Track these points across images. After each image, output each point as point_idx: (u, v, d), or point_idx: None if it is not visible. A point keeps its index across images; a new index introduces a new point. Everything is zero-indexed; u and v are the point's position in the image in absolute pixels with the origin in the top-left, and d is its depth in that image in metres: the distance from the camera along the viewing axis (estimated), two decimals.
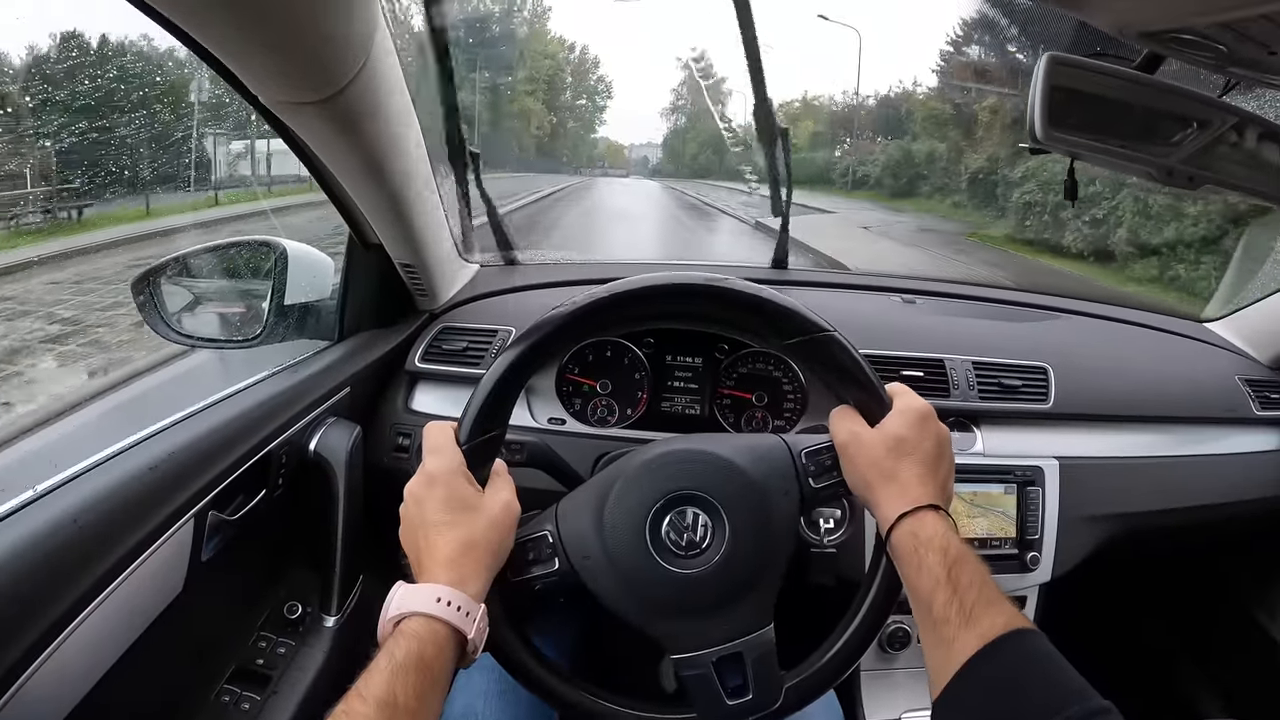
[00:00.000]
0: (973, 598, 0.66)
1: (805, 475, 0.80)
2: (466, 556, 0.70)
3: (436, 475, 0.74)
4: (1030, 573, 1.18)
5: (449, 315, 1.33)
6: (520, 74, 34.80)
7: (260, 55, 0.70)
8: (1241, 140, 0.85)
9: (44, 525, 0.66)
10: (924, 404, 0.80)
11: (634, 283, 0.82)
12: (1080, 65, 0.81)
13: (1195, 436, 1.36)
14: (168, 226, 3.15)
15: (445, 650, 0.65)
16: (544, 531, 0.79)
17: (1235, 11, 0.65)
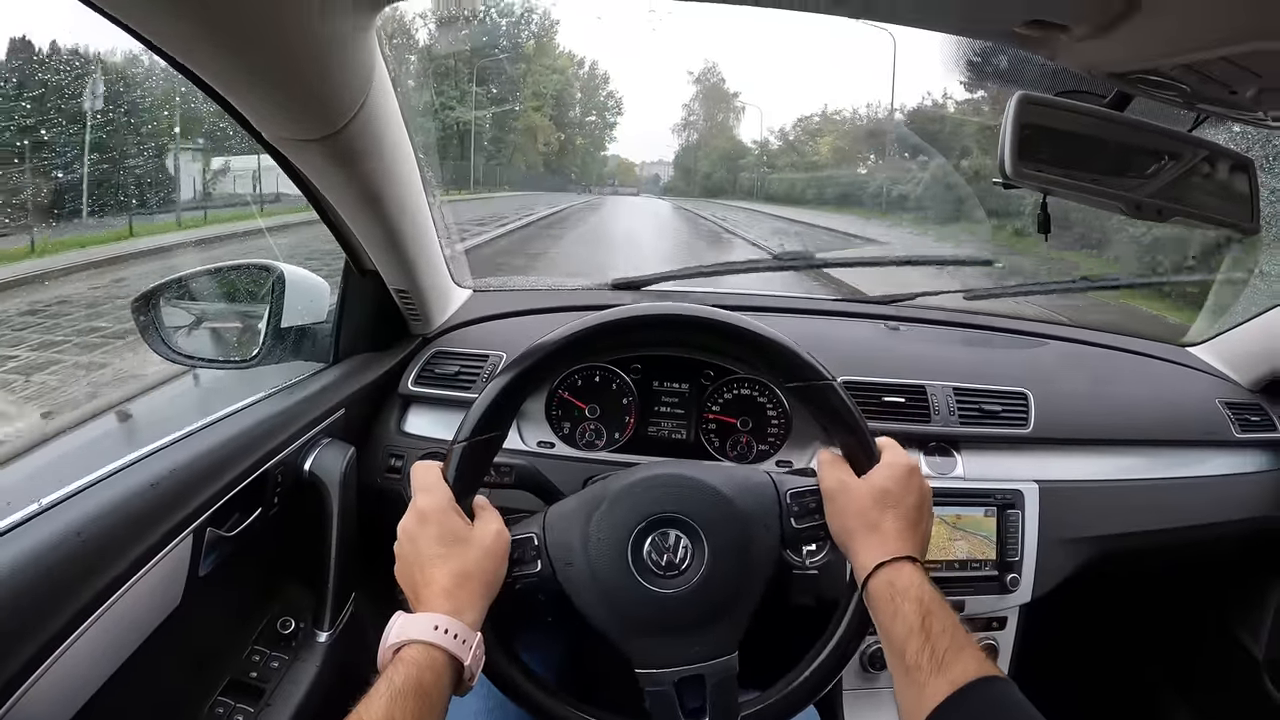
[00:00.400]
0: (945, 645, 0.69)
1: (788, 514, 0.84)
2: (462, 588, 0.73)
3: (428, 512, 0.77)
4: (1010, 594, 1.20)
5: (442, 339, 1.36)
6: (527, 89, 33.79)
7: (265, 97, 0.74)
8: (1214, 172, 0.89)
9: (48, 538, 0.68)
10: (910, 460, 0.84)
11: (643, 310, 0.87)
12: (1051, 104, 0.84)
13: (1175, 459, 1.39)
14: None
15: (442, 677, 0.68)
16: (530, 534, 0.83)
17: (1195, 54, 0.69)
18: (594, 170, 41.71)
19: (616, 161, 45.22)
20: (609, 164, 43.97)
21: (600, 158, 43.01)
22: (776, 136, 35.87)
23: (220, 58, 0.66)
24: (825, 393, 0.85)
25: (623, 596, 0.80)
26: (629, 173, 44.74)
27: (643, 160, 46.28)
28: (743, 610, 0.81)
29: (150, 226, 4.35)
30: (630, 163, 45.85)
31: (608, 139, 42.64)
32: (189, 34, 0.63)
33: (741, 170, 35.56)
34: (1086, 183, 0.85)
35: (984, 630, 1.25)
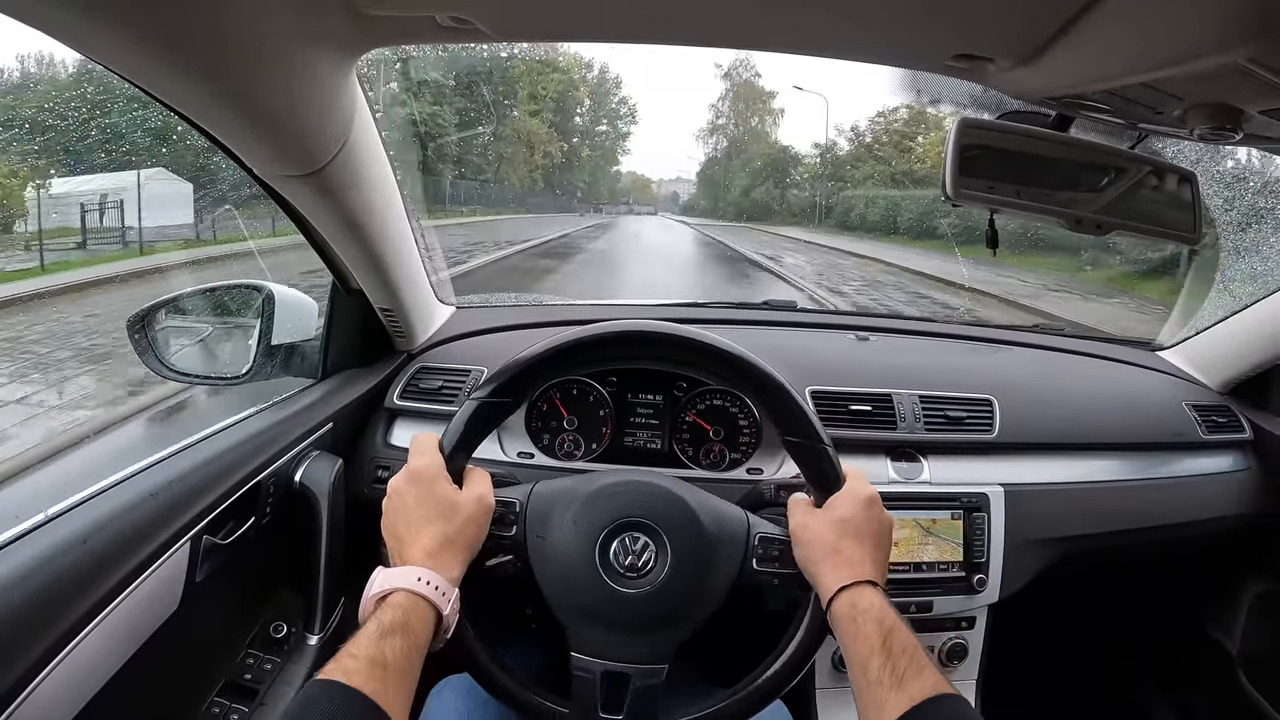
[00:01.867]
0: (904, 664, 0.73)
1: (751, 555, 0.88)
2: (444, 549, 0.79)
3: (420, 473, 0.83)
4: (977, 594, 1.24)
5: (426, 355, 1.40)
6: (523, 90, 29.66)
7: (252, 138, 0.79)
8: (1162, 184, 0.93)
9: (56, 545, 0.73)
10: (872, 490, 0.88)
11: (661, 328, 0.92)
12: (992, 126, 0.89)
13: (1141, 462, 1.42)
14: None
15: (426, 622, 0.74)
16: (514, 500, 0.89)
17: (1114, 81, 0.73)
18: (604, 186, 37.07)
19: (631, 177, 40.77)
20: (622, 179, 39.53)
21: (611, 173, 38.27)
22: (849, 138, 28.38)
23: (209, 104, 0.72)
24: (820, 453, 0.90)
25: (581, 583, 0.85)
26: (645, 189, 41.03)
27: (660, 177, 42.39)
28: (684, 627, 0.86)
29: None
30: (646, 178, 41.82)
31: (620, 151, 37.45)
32: (181, 84, 0.68)
33: (793, 186, 29.14)
34: (1030, 200, 0.90)
35: (953, 630, 1.28)
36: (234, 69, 0.67)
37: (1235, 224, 1.63)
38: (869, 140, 27.09)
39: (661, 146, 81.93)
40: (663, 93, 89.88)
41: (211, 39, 0.62)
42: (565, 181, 31.67)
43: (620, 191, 39.09)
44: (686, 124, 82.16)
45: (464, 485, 0.85)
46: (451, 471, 0.85)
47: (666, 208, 39.18)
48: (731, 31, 0.77)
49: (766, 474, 1.28)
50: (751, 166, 31.96)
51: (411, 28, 0.75)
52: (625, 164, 39.62)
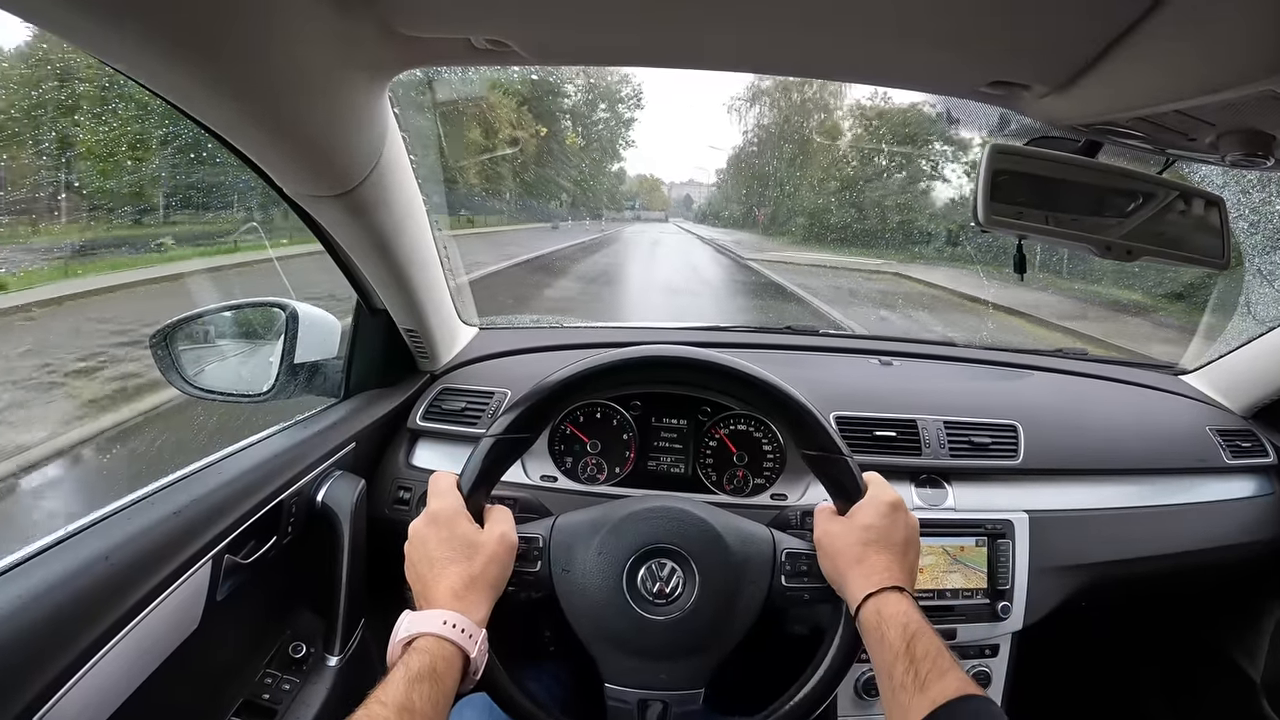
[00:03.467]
0: (927, 668, 0.72)
1: (780, 571, 0.88)
2: (469, 590, 0.79)
3: (439, 515, 0.83)
4: (1002, 622, 1.23)
5: (449, 376, 1.40)
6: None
7: (284, 158, 0.80)
8: (1188, 210, 0.93)
9: (78, 561, 0.73)
10: (894, 495, 0.88)
11: (677, 352, 0.92)
12: (1023, 152, 0.88)
13: (1165, 487, 1.41)
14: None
15: (453, 666, 0.73)
16: (537, 535, 0.89)
17: (1148, 109, 0.73)
18: (600, 187, 29.28)
19: (638, 180, 33.93)
20: (626, 180, 31.91)
21: (611, 171, 29.83)
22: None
23: (243, 123, 0.72)
24: (839, 464, 0.90)
25: (610, 613, 0.85)
26: (654, 193, 35.13)
27: (671, 180, 36.39)
28: (717, 650, 0.86)
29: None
30: (656, 179, 35.46)
31: (623, 142, 28.69)
32: (215, 103, 0.69)
33: (890, 199, 16.47)
34: (1059, 226, 0.89)
35: (977, 658, 1.27)
36: (269, 90, 0.68)
37: (1260, 247, 1.62)
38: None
39: (663, 148, 72.98)
40: (668, 86, 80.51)
41: (248, 60, 0.63)
42: (542, 182, 23.14)
43: (624, 195, 31.81)
44: (695, 123, 73.18)
45: (486, 523, 0.85)
46: (472, 510, 0.85)
47: (678, 214, 33.99)
48: (766, 58, 0.78)
49: (791, 499, 1.27)
50: (824, 164, 20.43)
51: (447, 50, 0.76)
52: (629, 161, 31.36)
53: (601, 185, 29.62)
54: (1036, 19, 0.64)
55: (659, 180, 37.91)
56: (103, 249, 6.02)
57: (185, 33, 0.57)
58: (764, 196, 23.68)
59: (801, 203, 20.47)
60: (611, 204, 30.14)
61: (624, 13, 0.68)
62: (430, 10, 0.67)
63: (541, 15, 0.68)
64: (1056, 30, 0.65)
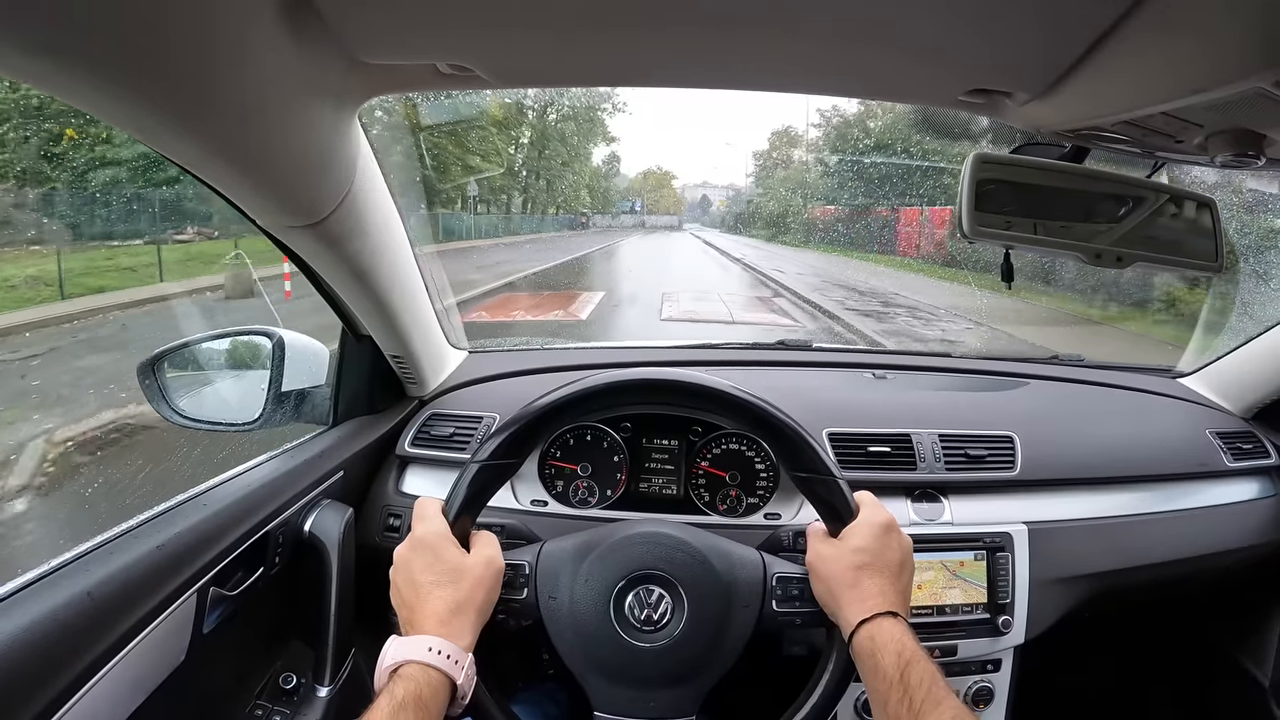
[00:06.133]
0: (921, 696, 0.71)
1: (770, 596, 0.87)
2: (455, 616, 0.78)
3: (424, 540, 0.82)
4: (1003, 636, 1.21)
5: (438, 402, 1.39)
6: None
7: (254, 190, 0.78)
8: (1180, 213, 0.91)
9: (62, 598, 0.72)
10: (888, 516, 0.87)
11: (663, 374, 0.91)
12: (1007, 161, 0.87)
13: (1166, 493, 1.39)
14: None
15: (439, 694, 0.72)
16: (523, 562, 0.87)
17: (1134, 112, 0.72)
18: (575, 185, 20.04)
19: (644, 175, 25.44)
20: (617, 174, 23.71)
21: (591, 168, 20.74)
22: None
23: (208, 158, 0.71)
24: (830, 485, 0.89)
25: (597, 641, 0.83)
26: (663, 190, 27.40)
27: (682, 183, 28.79)
28: (708, 677, 0.84)
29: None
30: (666, 174, 27.54)
31: (607, 109, 19.60)
32: (180, 138, 0.67)
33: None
34: (1047, 235, 0.88)
35: (979, 673, 1.24)
36: (233, 124, 0.67)
37: (1254, 247, 1.61)
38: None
39: (668, 143, 66.87)
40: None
41: (210, 96, 0.62)
42: (457, 171, 15.80)
43: (623, 195, 24.49)
44: (706, 116, 65.80)
45: (472, 548, 0.84)
46: (457, 535, 0.84)
47: (692, 218, 27.47)
48: (737, 73, 0.77)
49: (785, 519, 1.25)
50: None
51: (412, 76, 0.75)
52: (621, 150, 25.23)
53: (574, 183, 20.40)
54: (1015, 25, 0.63)
55: (669, 175, 29.73)
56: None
57: (144, 71, 0.56)
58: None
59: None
60: (602, 205, 23.22)
61: (586, 34, 0.67)
62: (392, 38, 0.66)
63: (503, 39, 0.67)
64: (1036, 36, 0.65)
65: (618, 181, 25.59)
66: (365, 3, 0.61)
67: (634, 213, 26.31)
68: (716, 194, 29.40)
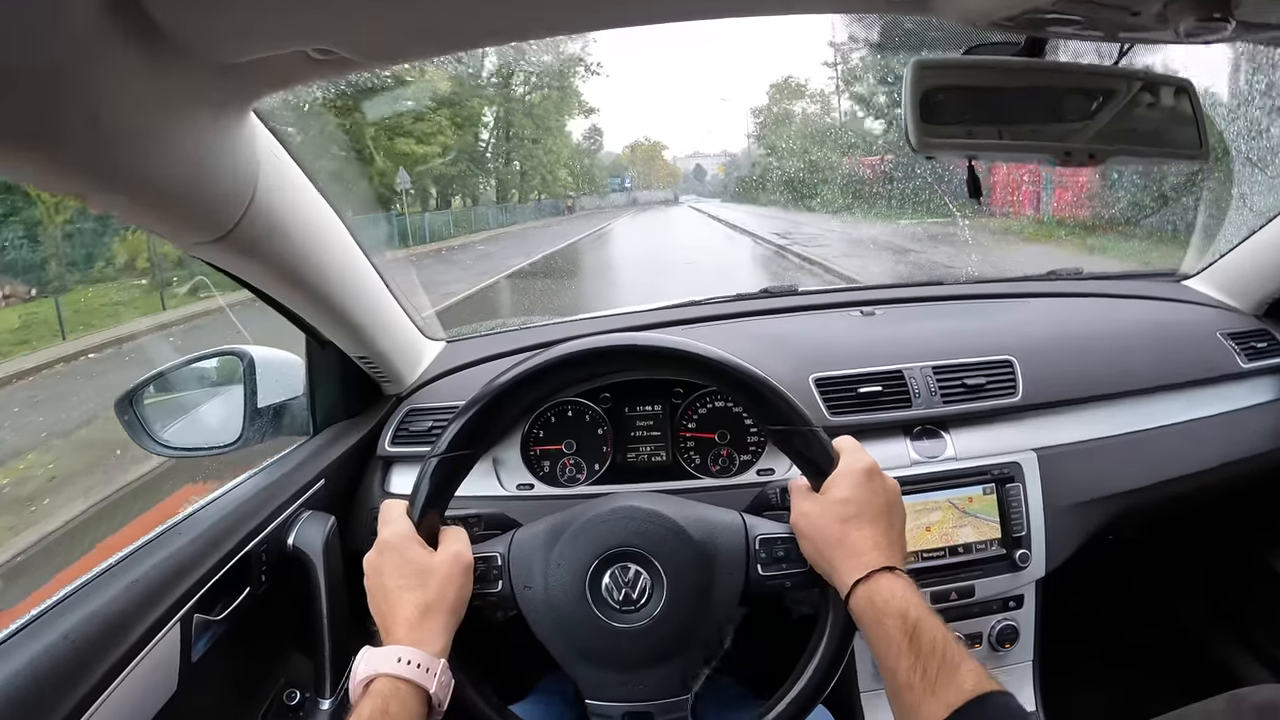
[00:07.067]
0: (936, 664, 0.66)
1: (754, 561, 0.83)
2: (426, 619, 0.75)
3: (388, 542, 0.80)
4: (1022, 570, 1.17)
5: (415, 396, 1.35)
6: None
7: (155, 214, 0.74)
8: (1157, 100, 0.85)
9: (40, 645, 0.70)
10: (869, 460, 0.82)
11: (612, 340, 0.87)
12: (952, 64, 0.81)
13: (1180, 402, 1.34)
14: None
15: (409, 705, 0.70)
16: (495, 553, 0.85)
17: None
18: (546, 169, 18.97)
19: (635, 149, 23.74)
20: (600, 151, 21.63)
21: (569, 144, 19.99)
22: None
23: (101, 192, 0.67)
24: (807, 437, 0.84)
25: (578, 626, 0.80)
26: (655, 162, 25.50)
27: (674, 154, 26.56)
28: (698, 652, 0.81)
29: None
30: (657, 144, 25.36)
31: (580, 72, 18.63)
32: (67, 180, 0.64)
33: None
34: (1014, 139, 0.83)
35: (1001, 612, 1.21)
36: (111, 153, 0.62)
37: (1244, 133, 1.53)
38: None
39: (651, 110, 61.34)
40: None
41: (86, 132, 0.58)
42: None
43: (610, 171, 22.78)
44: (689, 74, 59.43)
45: (439, 545, 0.81)
46: (424, 534, 0.81)
47: (688, 189, 25.41)
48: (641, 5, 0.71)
49: (779, 473, 1.21)
50: None
51: (286, 70, 0.69)
52: (603, 122, 22.67)
53: (551, 158, 19.66)
54: None
55: (659, 145, 26.91)
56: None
57: (13, 125, 0.53)
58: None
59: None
60: (589, 185, 21.21)
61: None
62: (238, 31, 0.60)
63: (360, 14, 0.61)
64: None
65: (603, 157, 23.78)
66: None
67: (624, 189, 24.01)
68: (710, 161, 26.53)
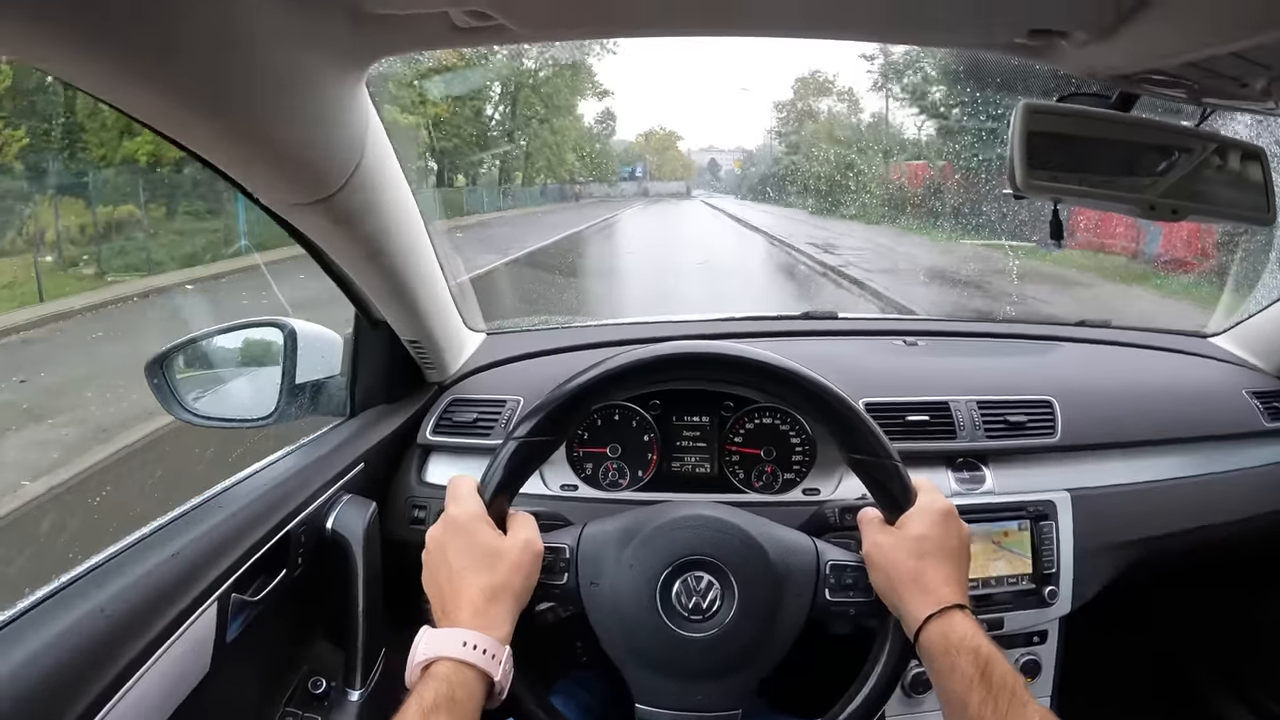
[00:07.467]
0: (1006, 699, 0.68)
1: (823, 585, 0.82)
2: (492, 604, 0.73)
3: (458, 520, 0.77)
4: (1049, 607, 1.18)
5: (458, 387, 1.34)
6: None
7: (258, 166, 0.73)
8: (1225, 163, 0.87)
9: (74, 616, 0.68)
10: (947, 504, 0.82)
11: (713, 348, 0.87)
12: (1055, 110, 0.83)
13: (1207, 455, 1.36)
14: None
15: (474, 693, 0.68)
16: (563, 545, 0.83)
17: (1201, 52, 0.68)
18: (552, 151, 18.16)
19: (649, 138, 22.91)
20: (613, 136, 19.89)
21: (580, 127, 19.39)
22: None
23: (210, 134, 0.66)
24: (889, 470, 0.84)
25: (643, 630, 0.79)
26: (668, 152, 24.28)
27: (688, 148, 25.18)
28: (758, 669, 0.80)
29: None
30: (670, 134, 23.90)
31: (593, 51, 17.47)
32: (181, 114, 0.62)
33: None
34: (1097, 187, 0.84)
35: (1025, 646, 1.22)
36: (238, 95, 0.62)
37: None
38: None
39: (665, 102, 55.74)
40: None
41: (208, 70, 0.57)
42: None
43: (622, 159, 21.99)
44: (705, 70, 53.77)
45: (508, 530, 0.79)
46: (493, 516, 0.79)
47: (702, 184, 24.25)
48: (779, 18, 0.71)
49: (824, 493, 1.22)
50: None
51: (425, 30, 0.69)
52: (617, 106, 22.65)
53: (558, 139, 18.37)
54: None
55: (673, 135, 25.16)
56: None
57: (139, 48, 0.52)
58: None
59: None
60: (597, 172, 20.21)
61: None
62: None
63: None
64: None
65: (614, 144, 22.35)
66: None
67: (635, 179, 22.86)
68: (725, 157, 25.09)
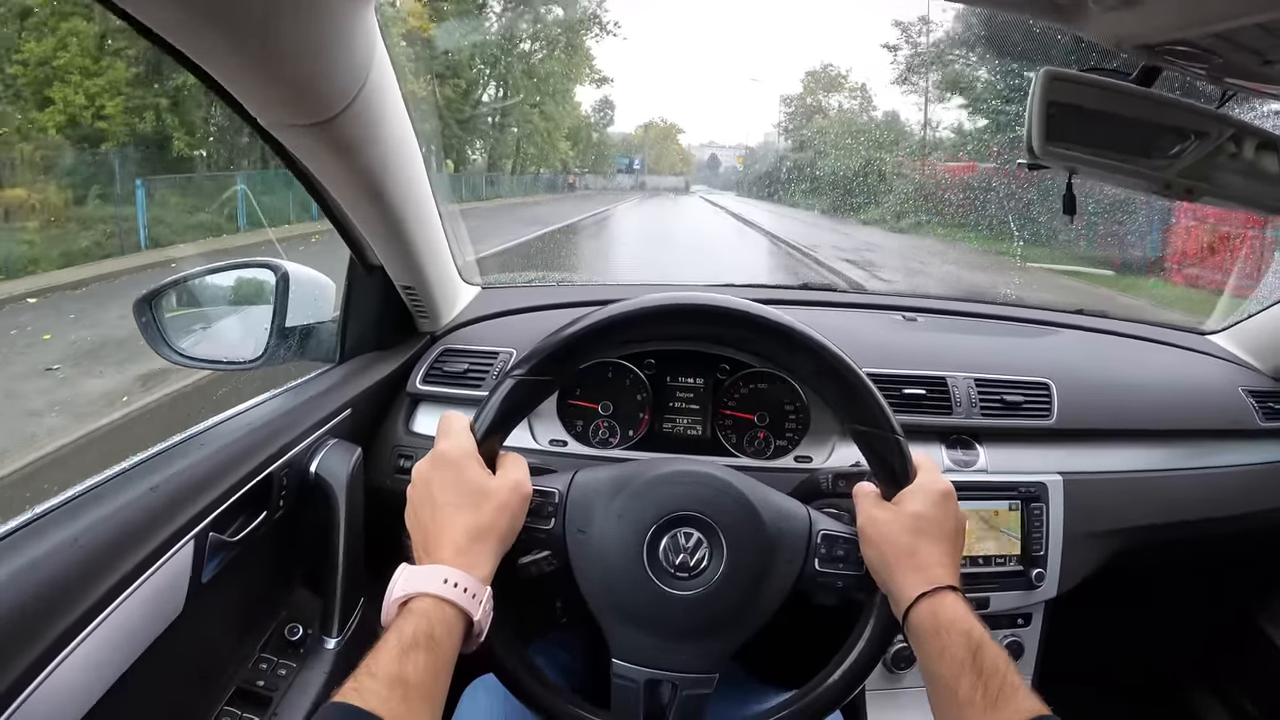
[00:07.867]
0: (997, 684, 0.66)
1: (813, 555, 0.81)
2: (476, 543, 0.71)
3: (447, 456, 0.75)
4: (1035, 589, 1.17)
5: (450, 337, 1.33)
6: None
7: (259, 80, 0.70)
8: (1240, 151, 0.85)
9: (45, 547, 0.66)
10: (947, 484, 0.81)
11: (724, 302, 0.83)
12: (1077, 80, 0.81)
13: (1200, 450, 1.36)
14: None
15: (453, 631, 0.66)
16: (554, 489, 0.81)
17: (1229, 22, 0.66)
18: (544, 137, 17.52)
19: (649, 130, 22.52)
20: (610, 125, 21.13)
21: (576, 114, 18.64)
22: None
23: (213, 41, 0.63)
24: (890, 442, 0.82)
25: (626, 583, 0.77)
26: (668, 144, 23.89)
27: (688, 143, 25.12)
28: (738, 634, 0.79)
29: None
30: (672, 127, 23.72)
31: (592, 31, 16.76)
32: (180, 18, 0.60)
33: None
34: (1114, 161, 0.83)
35: (1009, 627, 1.22)
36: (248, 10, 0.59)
37: None
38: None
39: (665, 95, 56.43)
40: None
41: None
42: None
43: (619, 150, 21.42)
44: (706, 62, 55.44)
45: (498, 470, 0.77)
46: (484, 455, 0.77)
47: (701, 180, 23.85)
48: None
49: (816, 462, 1.21)
50: None
51: None
52: (616, 94, 21.70)
53: (550, 125, 17.63)
54: None
55: (674, 128, 25.40)
56: None
57: None
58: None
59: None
60: (596, 163, 20.96)
61: None
62: None
63: None
64: None
65: (611, 134, 22.09)
66: None
67: (631, 171, 22.37)
68: (726, 153, 24.69)
